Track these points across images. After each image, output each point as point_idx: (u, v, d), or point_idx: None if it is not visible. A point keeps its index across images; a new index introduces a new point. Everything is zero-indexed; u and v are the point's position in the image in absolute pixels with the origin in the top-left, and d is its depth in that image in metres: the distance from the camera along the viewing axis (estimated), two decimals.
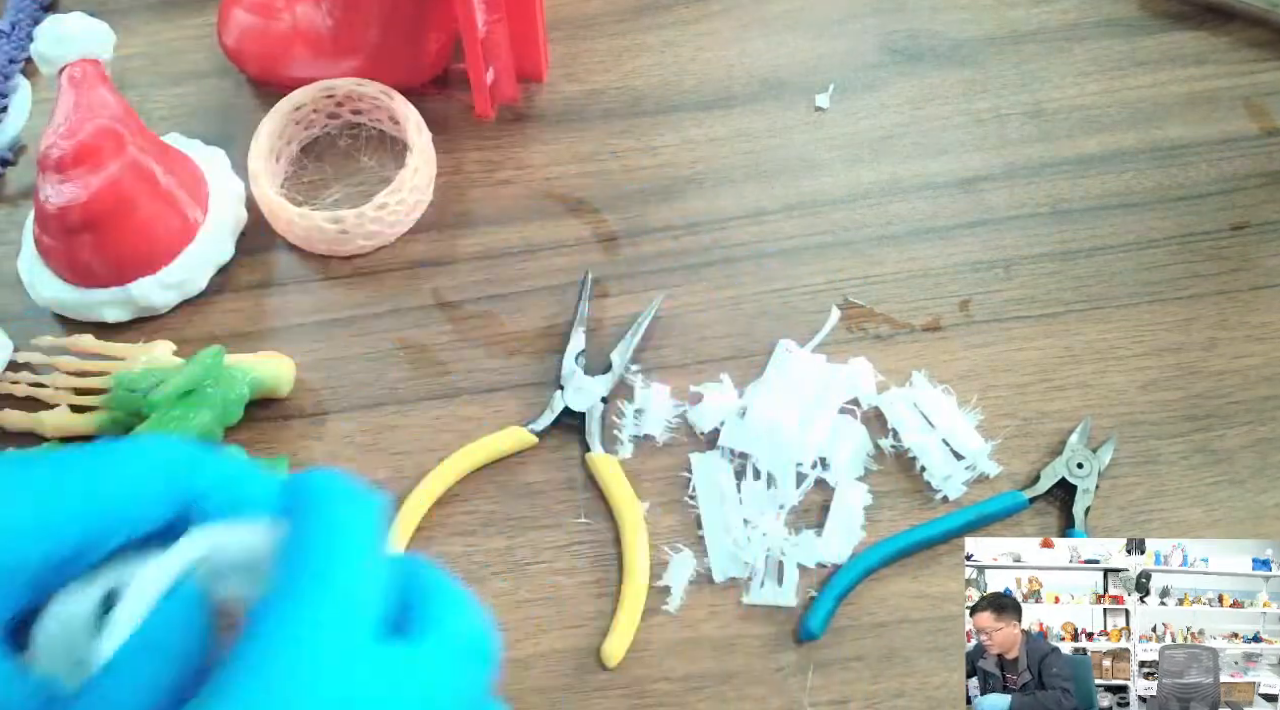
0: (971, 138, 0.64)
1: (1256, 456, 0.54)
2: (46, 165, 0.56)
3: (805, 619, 0.50)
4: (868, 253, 0.60)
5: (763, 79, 0.67)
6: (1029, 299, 0.59)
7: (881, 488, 0.54)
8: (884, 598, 0.51)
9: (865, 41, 0.68)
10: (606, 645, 0.50)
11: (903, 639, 0.51)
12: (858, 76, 0.66)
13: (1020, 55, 0.67)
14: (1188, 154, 0.63)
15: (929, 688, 0.49)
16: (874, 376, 0.56)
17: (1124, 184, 0.62)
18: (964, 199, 0.62)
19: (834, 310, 0.59)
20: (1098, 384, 0.56)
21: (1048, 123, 0.64)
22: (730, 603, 0.52)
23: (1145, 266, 0.59)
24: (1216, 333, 0.57)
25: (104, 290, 0.59)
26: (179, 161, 0.60)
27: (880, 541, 0.52)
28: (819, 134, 0.65)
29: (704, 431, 0.55)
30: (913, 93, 0.66)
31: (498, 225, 0.63)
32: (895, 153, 0.64)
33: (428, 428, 0.56)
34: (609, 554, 0.53)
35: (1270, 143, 0.63)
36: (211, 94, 0.68)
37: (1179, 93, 0.65)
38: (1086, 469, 0.53)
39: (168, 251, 0.59)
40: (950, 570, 0.52)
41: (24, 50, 0.70)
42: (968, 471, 0.54)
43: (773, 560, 0.52)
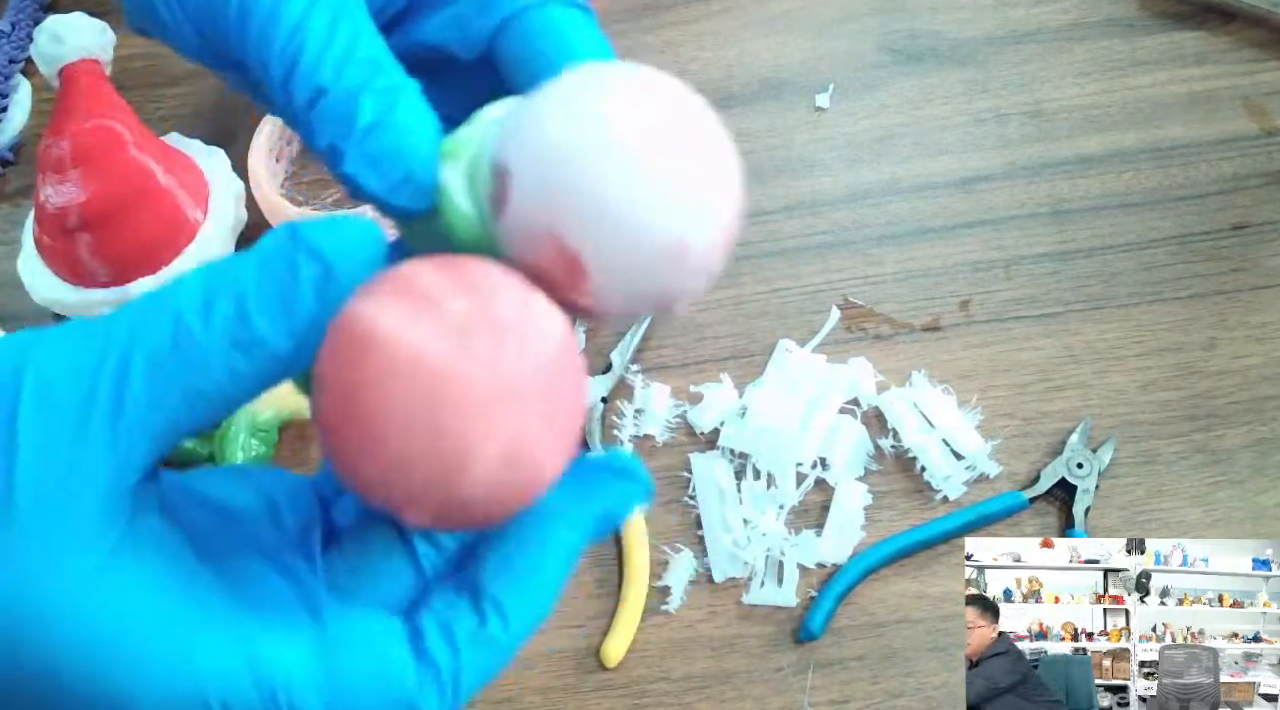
0: (971, 138, 0.64)
1: (1256, 456, 0.54)
2: (46, 165, 0.56)
3: (805, 619, 0.50)
4: (868, 253, 0.60)
5: (763, 79, 0.67)
6: (1029, 299, 0.59)
7: (881, 488, 0.54)
8: (884, 598, 0.51)
9: (865, 41, 0.68)
10: (606, 645, 0.50)
11: (903, 639, 0.51)
12: (858, 76, 0.66)
13: (1020, 55, 0.67)
14: (1188, 154, 0.63)
15: (929, 688, 0.49)
16: (874, 376, 0.56)
17: (1124, 184, 0.62)
18: (964, 199, 0.62)
19: (834, 310, 0.59)
20: (1098, 384, 0.56)
21: (1048, 123, 0.64)
22: (730, 603, 0.52)
23: (1145, 266, 0.59)
24: (1216, 333, 0.57)
25: (104, 290, 0.58)
26: (179, 161, 0.60)
27: (880, 541, 0.52)
28: (819, 134, 0.65)
29: (704, 431, 0.55)
30: (913, 93, 0.66)
31: None
32: (895, 153, 0.64)
33: None
34: (609, 554, 0.53)
35: (1270, 143, 0.63)
36: (211, 94, 0.68)
37: (1179, 93, 0.65)
38: (1086, 469, 0.53)
39: (168, 251, 0.59)
40: (950, 570, 0.52)
41: (24, 50, 0.70)
42: (968, 471, 0.54)
43: (773, 560, 0.52)
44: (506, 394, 0.22)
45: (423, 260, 0.23)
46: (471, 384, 0.22)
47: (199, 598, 0.23)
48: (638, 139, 0.23)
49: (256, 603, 0.24)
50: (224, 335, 0.22)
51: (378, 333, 0.22)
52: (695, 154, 0.24)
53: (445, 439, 0.22)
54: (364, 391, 0.22)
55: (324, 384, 0.23)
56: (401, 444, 0.22)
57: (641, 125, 0.23)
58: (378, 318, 0.22)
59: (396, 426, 0.22)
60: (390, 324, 0.22)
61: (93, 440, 0.22)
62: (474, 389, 0.22)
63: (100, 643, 0.21)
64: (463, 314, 0.22)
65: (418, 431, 0.22)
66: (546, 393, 0.23)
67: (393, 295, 0.23)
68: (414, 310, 0.22)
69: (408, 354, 0.22)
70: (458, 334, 0.22)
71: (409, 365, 0.22)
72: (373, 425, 0.22)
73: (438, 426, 0.22)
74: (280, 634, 0.23)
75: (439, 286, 0.23)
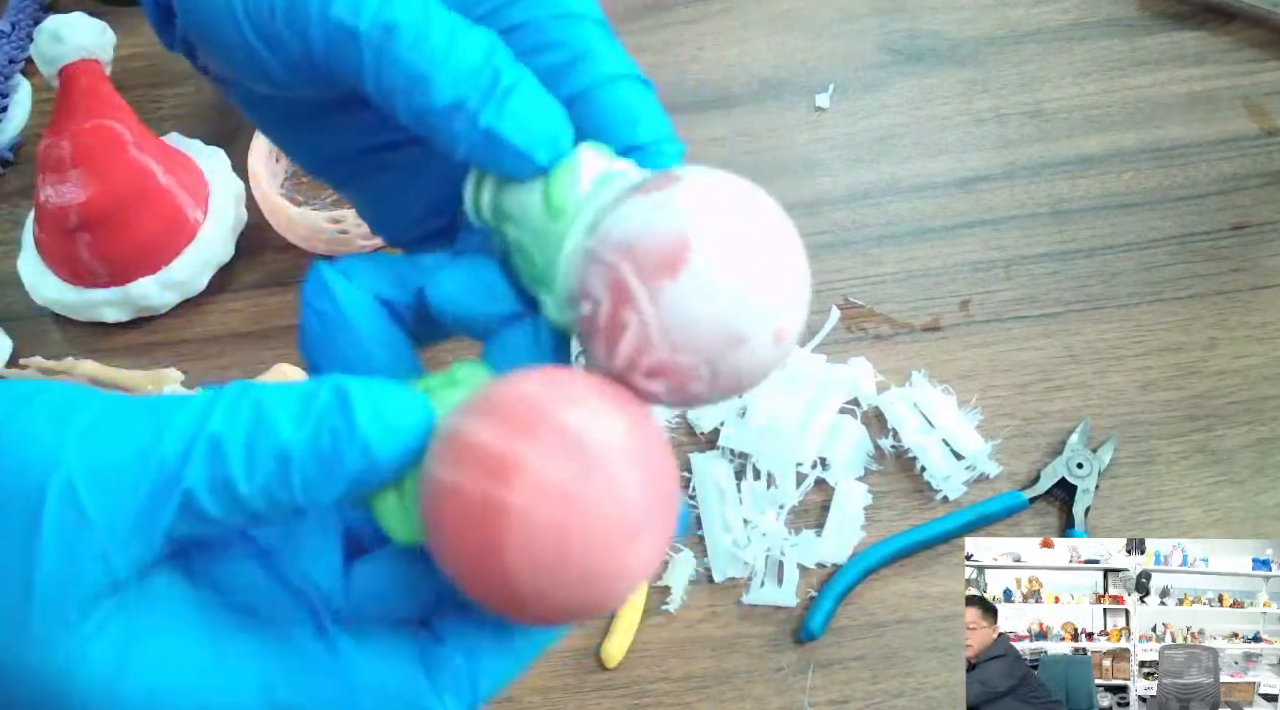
0: (971, 138, 0.64)
1: (1256, 456, 0.54)
2: (46, 165, 0.56)
3: (805, 619, 0.50)
4: (868, 253, 0.60)
5: (763, 79, 0.67)
6: (1029, 299, 0.59)
7: (881, 488, 0.54)
8: (884, 598, 0.51)
9: (865, 41, 0.68)
10: (606, 645, 0.50)
11: (903, 639, 0.51)
12: (858, 76, 0.66)
13: (1020, 55, 0.67)
14: (1188, 154, 0.63)
15: (929, 688, 0.49)
16: (874, 376, 0.56)
17: (1124, 184, 0.62)
18: (964, 199, 0.62)
19: (834, 310, 0.59)
20: (1098, 384, 0.56)
21: (1048, 123, 0.64)
22: (730, 603, 0.52)
23: (1145, 266, 0.59)
24: (1216, 333, 0.57)
25: (104, 290, 0.59)
26: (179, 161, 0.60)
27: (880, 541, 0.52)
28: (819, 134, 0.65)
29: (704, 431, 0.55)
30: (913, 93, 0.66)
31: None
32: (895, 153, 0.64)
33: None
34: None
35: (1270, 143, 0.63)
36: (211, 94, 0.68)
37: (1179, 93, 0.65)
38: (1086, 469, 0.53)
39: (168, 251, 0.59)
40: (950, 570, 0.52)
41: (24, 50, 0.70)
42: (968, 471, 0.54)
43: (773, 560, 0.52)
44: (642, 526, 0.22)
45: (520, 377, 0.23)
46: (610, 521, 0.22)
47: (214, 635, 0.23)
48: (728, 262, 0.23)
49: (274, 640, 0.24)
50: (263, 491, 0.22)
51: (511, 494, 0.22)
52: (780, 267, 0.24)
53: (590, 582, 0.22)
54: (495, 540, 0.22)
55: (443, 531, 0.23)
56: (540, 585, 0.22)
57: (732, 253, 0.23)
58: (506, 468, 0.22)
59: (535, 569, 0.22)
60: (524, 467, 0.22)
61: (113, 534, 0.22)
62: (612, 527, 0.22)
63: (115, 684, 0.22)
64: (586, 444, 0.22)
65: (564, 579, 0.22)
66: (666, 504, 0.23)
67: (505, 423, 0.22)
68: (539, 446, 0.22)
69: (547, 503, 0.21)
70: (586, 467, 0.22)
71: (547, 513, 0.21)
72: (510, 575, 0.22)
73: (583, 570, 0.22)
74: (298, 675, 0.24)
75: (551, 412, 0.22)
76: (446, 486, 0.22)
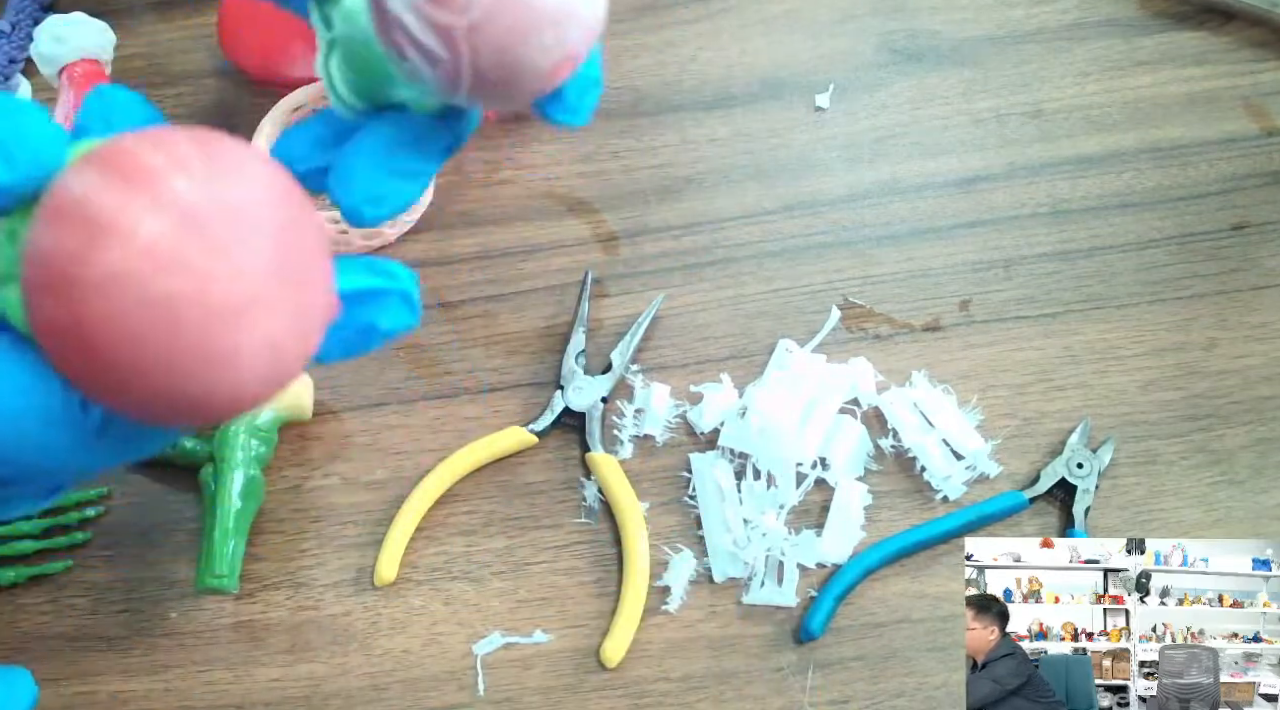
0: (971, 138, 0.64)
1: (1256, 456, 0.54)
2: None
3: (805, 619, 0.50)
4: (868, 253, 0.60)
5: (763, 79, 0.67)
6: (1029, 299, 0.59)
7: (881, 488, 0.54)
8: (884, 598, 0.51)
9: (865, 41, 0.68)
10: (606, 645, 0.50)
11: (903, 639, 0.51)
12: (858, 76, 0.66)
13: (1020, 55, 0.67)
14: (1188, 154, 0.63)
15: (929, 688, 0.49)
16: (874, 376, 0.56)
17: (1124, 184, 0.62)
18: (964, 199, 0.62)
19: (834, 310, 0.59)
20: (1098, 384, 0.56)
21: (1048, 123, 0.64)
22: (730, 602, 0.52)
23: (1145, 266, 0.59)
24: (1216, 333, 0.57)
25: None
26: None
27: (880, 541, 0.52)
28: (819, 134, 0.65)
29: (704, 431, 0.55)
30: (913, 93, 0.66)
31: (498, 225, 0.62)
32: (895, 153, 0.64)
33: (428, 428, 0.56)
34: (609, 554, 0.53)
35: (1270, 143, 0.63)
36: (211, 94, 0.68)
37: (1179, 93, 0.65)
38: (1086, 469, 0.53)
39: None
40: (950, 570, 0.52)
41: (24, 50, 0.70)
42: (968, 471, 0.54)
43: (773, 560, 0.52)
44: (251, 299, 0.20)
45: (133, 134, 0.21)
46: (209, 286, 0.20)
47: None
48: None
49: None
50: None
51: (101, 222, 0.19)
52: None
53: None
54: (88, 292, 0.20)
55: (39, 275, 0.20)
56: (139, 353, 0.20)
57: None
58: (102, 205, 0.19)
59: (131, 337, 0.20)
60: (114, 212, 0.19)
61: None
62: (214, 294, 0.20)
63: None
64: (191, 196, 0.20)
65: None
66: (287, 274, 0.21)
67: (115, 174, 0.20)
68: (133, 199, 0.20)
69: (136, 261, 0.19)
70: (186, 222, 0.19)
71: (134, 272, 0.19)
72: (91, 339, 0.20)
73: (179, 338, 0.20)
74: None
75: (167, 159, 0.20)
76: (35, 247, 0.20)
